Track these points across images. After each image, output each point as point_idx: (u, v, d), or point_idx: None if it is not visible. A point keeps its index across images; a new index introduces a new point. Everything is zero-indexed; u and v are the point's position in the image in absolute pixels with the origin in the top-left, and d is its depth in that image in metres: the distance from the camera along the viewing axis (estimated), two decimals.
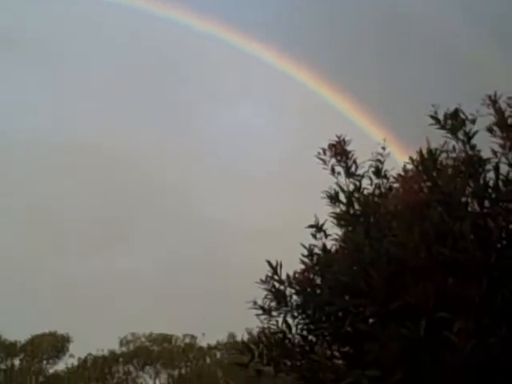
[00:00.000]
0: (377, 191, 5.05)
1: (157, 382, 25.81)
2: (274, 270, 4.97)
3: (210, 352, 26.96)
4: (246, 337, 26.86)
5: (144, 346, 25.55)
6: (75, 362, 24.77)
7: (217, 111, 42.61)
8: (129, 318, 38.26)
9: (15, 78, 40.22)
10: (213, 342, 27.01)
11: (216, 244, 37.18)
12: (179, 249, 38.39)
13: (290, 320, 4.81)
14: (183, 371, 25.11)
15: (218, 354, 27.13)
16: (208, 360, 26.75)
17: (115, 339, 25.46)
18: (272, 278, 4.92)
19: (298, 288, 4.89)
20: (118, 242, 39.76)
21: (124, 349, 25.59)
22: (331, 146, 5.28)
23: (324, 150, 5.25)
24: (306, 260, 5.18)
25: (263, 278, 4.82)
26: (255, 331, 4.81)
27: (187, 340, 26.30)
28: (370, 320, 4.15)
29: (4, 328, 25.07)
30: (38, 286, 35.56)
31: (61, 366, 24.63)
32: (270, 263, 4.98)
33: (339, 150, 5.25)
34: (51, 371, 24.08)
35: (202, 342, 26.68)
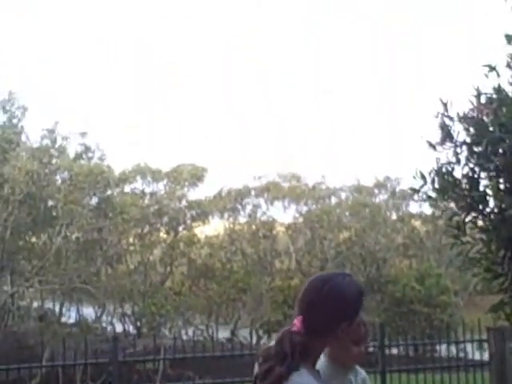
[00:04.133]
0: None
1: (284, 217, 27.32)
2: (445, 106, 5.12)
3: (335, 193, 27.92)
4: (372, 182, 27.66)
5: (275, 182, 26.92)
6: (212, 193, 26.85)
7: None
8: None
9: None
10: (338, 185, 27.99)
11: None
12: None
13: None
14: (313, 207, 26.41)
15: (343, 195, 28.08)
16: (333, 200, 27.88)
17: (249, 176, 27.15)
18: (442, 114, 5.10)
19: (467, 125, 5.04)
20: None
21: (257, 183, 27.17)
22: None
23: None
24: (473, 100, 5.25)
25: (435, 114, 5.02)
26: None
27: (318, 179, 27.33)
28: None
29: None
30: None
31: (199, 194, 26.71)
32: (441, 100, 5.13)
33: None
34: (191, 198, 26.32)
35: (330, 182, 27.68)
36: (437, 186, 4.63)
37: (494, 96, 5.15)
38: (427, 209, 25.87)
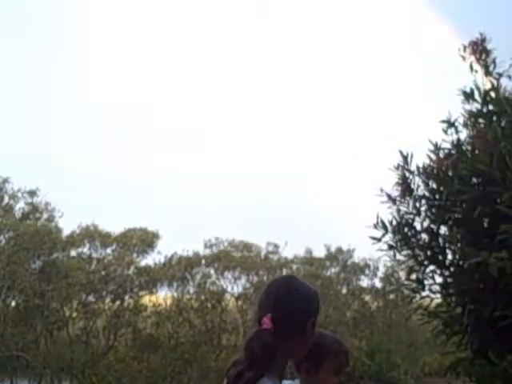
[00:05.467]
0: None
1: (235, 287, 26.83)
2: (405, 159, 5.09)
3: (286, 264, 27.73)
4: (323, 252, 27.63)
5: (226, 251, 26.53)
6: (162, 259, 26.22)
7: None
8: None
9: None
10: (290, 256, 27.86)
11: None
12: None
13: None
14: (264, 278, 26.02)
15: (294, 267, 27.91)
16: (284, 271, 27.59)
17: (200, 241, 26.61)
18: (402, 167, 5.06)
19: (426, 179, 5.00)
20: None
21: (208, 251, 26.70)
22: (472, 43, 5.28)
23: (464, 47, 5.25)
24: (431, 155, 5.25)
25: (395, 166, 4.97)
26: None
27: (270, 248, 27.10)
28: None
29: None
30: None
31: (149, 260, 26.07)
32: (401, 152, 5.10)
33: (479, 48, 5.23)
34: (141, 264, 25.67)
35: (284, 252, 27.47)
36: (398, 236, 4.52)
37: (453, 151, 5.15)
38: (378, 283, 25.93)
